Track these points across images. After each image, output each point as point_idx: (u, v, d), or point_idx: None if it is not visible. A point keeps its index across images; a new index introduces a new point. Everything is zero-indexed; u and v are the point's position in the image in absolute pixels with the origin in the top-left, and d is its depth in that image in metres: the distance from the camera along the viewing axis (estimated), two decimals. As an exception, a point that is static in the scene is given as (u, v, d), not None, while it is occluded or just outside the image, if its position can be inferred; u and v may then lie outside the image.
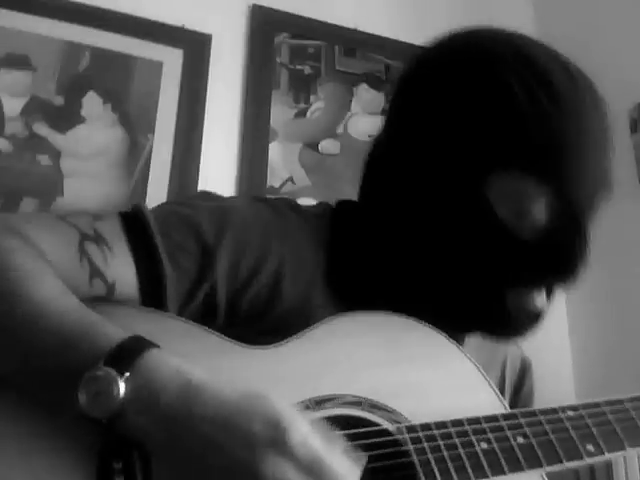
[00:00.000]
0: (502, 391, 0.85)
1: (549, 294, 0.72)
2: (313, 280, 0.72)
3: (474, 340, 0.82)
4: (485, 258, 0.68)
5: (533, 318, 0.71)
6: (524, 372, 0.89)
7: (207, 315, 0.67)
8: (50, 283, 0.57)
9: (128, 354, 0.52)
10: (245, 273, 0.68)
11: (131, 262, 0.63)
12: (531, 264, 0.68)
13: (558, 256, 0.68)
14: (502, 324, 0.71)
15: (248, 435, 0.49)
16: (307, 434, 0.50)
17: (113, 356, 0.51)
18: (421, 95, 0.72)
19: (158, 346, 0.54)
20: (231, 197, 0.74)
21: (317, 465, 0.49)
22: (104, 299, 0.61)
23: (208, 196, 0.73)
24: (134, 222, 0.66)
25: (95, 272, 0.61)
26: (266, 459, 0.48)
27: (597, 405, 0.72)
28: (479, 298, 0.70)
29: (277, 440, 0.49)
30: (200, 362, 0.54)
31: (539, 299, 0.70)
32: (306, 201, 0.87)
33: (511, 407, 0.73)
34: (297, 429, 0.50)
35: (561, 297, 1.96)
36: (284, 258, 0.70)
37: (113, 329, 0.54)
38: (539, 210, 0.66)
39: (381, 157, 0.77)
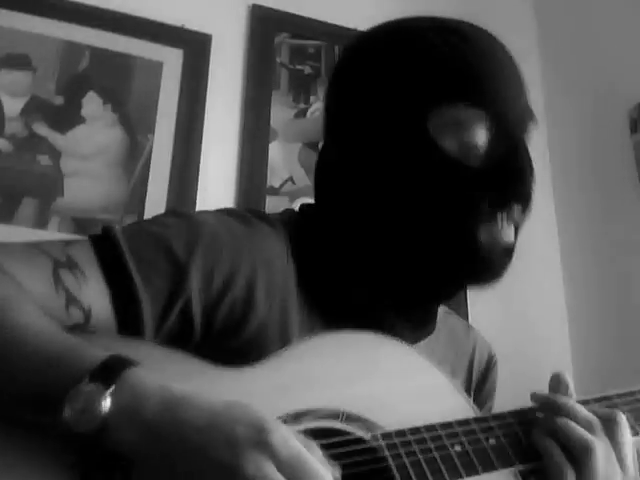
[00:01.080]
0: (469, 385, 0.88)
1: (516, 230, 0.76)
2: (286, 288, 0.74)
3: (443, 337, 0.86)
4: (445, 200, 0.72)
5: (505, 252, 0.75)
6: (489, 367, 0.92)
7: (184, 332, 0.68)
8: (29, 309, 0.58)
9: (112, 370, 0.53)
10: (219, 285, 0.68)
11: (104, 286, 0.64)
12: (487, 189, 0.72)
13: (507, 174, 0.73)
14: (478, 263, 0.74)
15: (231, 437, 0.50)
16: (288, 436, 0.52)
17: (98, 372, 0.53)
18: (354, 69, 0.80)
19: (139, 364, 0.55)
20: (199, 212, 0.75)
21: (298, 464, 0.51)
22: (80, 328, 0.62)
23: (176, 213, 0.74)
24: (105, 245, 0.66)
25: (71, 299, 0.62)
26: (249, 459, 0.49)
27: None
28: (452, 243, 0.73)
29: (259, 441, 0.50)
30: (179, 384, 0.55)
31: (507, 232, 0.74)
32: (306, 201, 0.88)
33: (474, 400, 0.77)
34: (278, 431, 0.51)
35: (561, 298, 1.96)
36: (255, 269, 0.71)
37: (95, 349, 0.56)
38: (478, 134, 0.72)
39: (327, 148, 0.83)
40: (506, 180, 0.73)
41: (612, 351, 1.78)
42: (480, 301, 1.84)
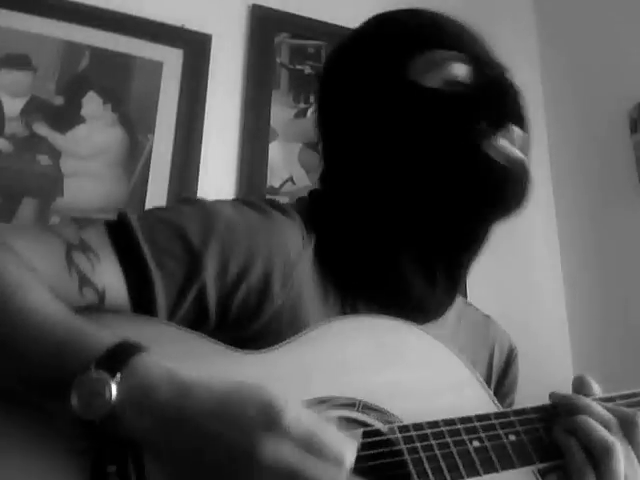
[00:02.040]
0: (490, 377, 0.87)
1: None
2: (303, 276, 0.73)
3: (463, 328, 0.86)
4: (445, 131, 0.74)
5: (520, 165, 0.75)
6: (510, 360, 0.91)
7: (198, 320, 0.67)
8: (39, 293, 0.57)
9: (119, 357, 0.52)
10: (234, 274, 0.68)
11: (119, 269, 0.64)
12: (479, 110, 0.75)
13: (496, 94, 0.76)
14: (497, 177, 0.74)
15: (243, 421, 0.50)
16: (300, 413, 0.51)
17: (104, 359, 0.52)
18: (340, 55, 0.85)
19: (148, 349, 0.54)
20: (214, 200, 0.75)
21: (314, 441, 0.50)
22: (95, 308, 0.62)
23: (191, 201, 0.74)
24: (119, 229, 0.66)
25: (84, 281, 0.62)
26: (263, 441, 0.49)
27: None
28: (465, 168, 0.74)
29: (272, 422, 0.50)
30: (191, 366, 0.54)
31: (514, 150, 0.75)
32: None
33: (495, 394, 0.75)
34: (290, 409, 0.51)
35: (561, 300, 1.96)
36: (272, 259, 0.71)
37: (103, 333, 0.55)
38: (459, 68, 0.76)
39: (327, 136, 0.85)
40: (496, 99, 0.75)
41: (614, 355, 1.77)
42: (480, 303, 1.84)
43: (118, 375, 0.51)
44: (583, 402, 0.68)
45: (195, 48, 1.83)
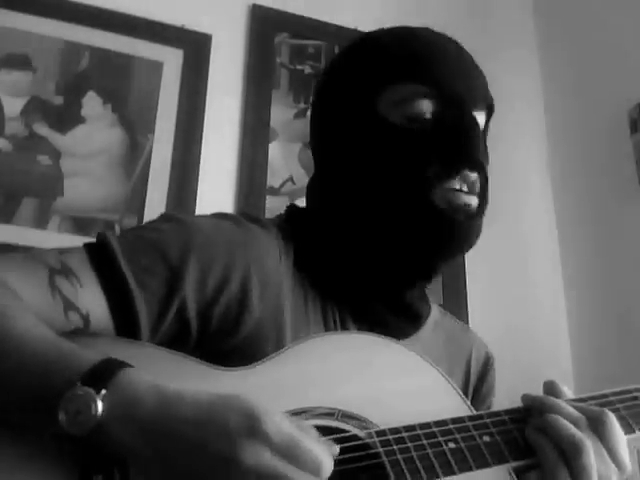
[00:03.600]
0: (467, 385, 0.89)
1: (481, 200, 0.78)
2: (281, 287, 0.75)
3: (440, 338, 0.88)
4: (397, 166, 0.76)
5: (465, 214, 0.76)
6: (486, 368, 0.92)
7: (180, 334, 0.69)
8: (25, 317, 0.58)
9: (104, 373, 0.54)
10: (213, 287, 0.70)
11: (101, 292, 0.65)
12: (434, 151, 0.75)
13: (452, 137, 0.76)
14: (438, 226, 0.75)
15: (225, 429, 0.51)
16: (281, 421, 0.53)
17: (89, 376, 0.53)
18: (323, 81, 0.87)
19: (132, 366, 0.56)
20: (193, 216, 0.78)
21: (293, 448, 0.52)
22: (81, 332, 0.63)
23: (170, 218, 0.75)
24: (100, 251, 0.67)
25: (69, 305, 0.63)
26: (244, 447, 0.50)
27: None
28: (411, 210, 0.75)
29: (253, 429, 0.51)
30: (176, 384, 0.55)
31: (466, 197, 0.76)
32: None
33: (472, 401, 0.78)
34: (271, 417, 0.52)
35: (561, 301, 1.96)
36: (249, 270, 0.72)
37: (88, 352, 0.56)
38: (422, 105, 0.77)
39: (313, 151, 0.87)
40: (452, 142, 0.76)
41: (613, 356, 1.77)
42: (480, 307, 1.84)
43: (103, 391, 0.52)
44: (553, 402, 0.70)
45: (195, 48, 1.83)
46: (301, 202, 0.88)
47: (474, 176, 0.76)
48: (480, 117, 0.79)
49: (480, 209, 0.77)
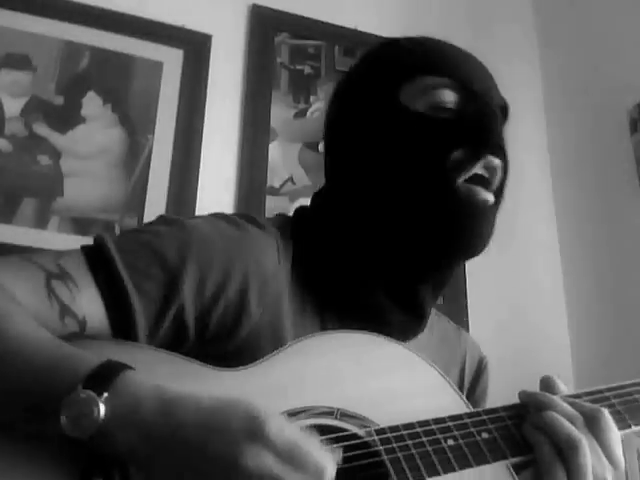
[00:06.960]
0: (461, 387, 0.89)
1: (497, 195, 0.80)
2: (279, 289, 0.75)
3: (435, 340, 0.88)
4: (421, 153, 0.77)
5: (483, 210, 0.77)
6: (480, 369, 0.93)
7: (178, 337, 0.69)
8: (23, 321, 0.58)
9: (105, 376, 0.54)
10: (211, 290, 0.69)
11: (98, 295, 0.65)
12: (457, 138, 0.77)
13: (475, 124, 0.77)
14: (461, 211, 0.76)
15: (227, 432, 0.51)
16: (283, 425, 0.52)
17: (91, 379, 0.53)
18: (341, 86, 0.88)
19: (133, 368, 0.56)
20: (190, 217, 0.76)
21: (295, 452, 0.51)
22: (77, 335, 0.63)
23: (167, 220, 0.75)
24: (97, 255, 0.67)
25: (65, 309, 0.63)
26: (246, 451, 0.50)
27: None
28: (432, 200, 0.76)
29: (255, 433, 0.51)
30: (175, 386, 0.55)
31: (485, 193, 0.77)
32: (306, 201, 0.89)
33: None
34: (273, 421, 0.52)
35: (561, 298, 1.96)
36: (247, 273, 0.72)
37: (88, 355, 0.56)
38: (445, 94, 0.78)
39: (330, 155, 0.88)
40: (475, 128, 0.77)
41: (612, 351, 1.78)
42: (480, 303, 1.85)
43: (105, 394, 0.52)
44: (549, 399, 0.70)
45: (195, 48, 1.83)
46: (301, 202, 0.88)
47: (497, 162, 0.77)
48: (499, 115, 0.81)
49: (496, 207, 0.79)
